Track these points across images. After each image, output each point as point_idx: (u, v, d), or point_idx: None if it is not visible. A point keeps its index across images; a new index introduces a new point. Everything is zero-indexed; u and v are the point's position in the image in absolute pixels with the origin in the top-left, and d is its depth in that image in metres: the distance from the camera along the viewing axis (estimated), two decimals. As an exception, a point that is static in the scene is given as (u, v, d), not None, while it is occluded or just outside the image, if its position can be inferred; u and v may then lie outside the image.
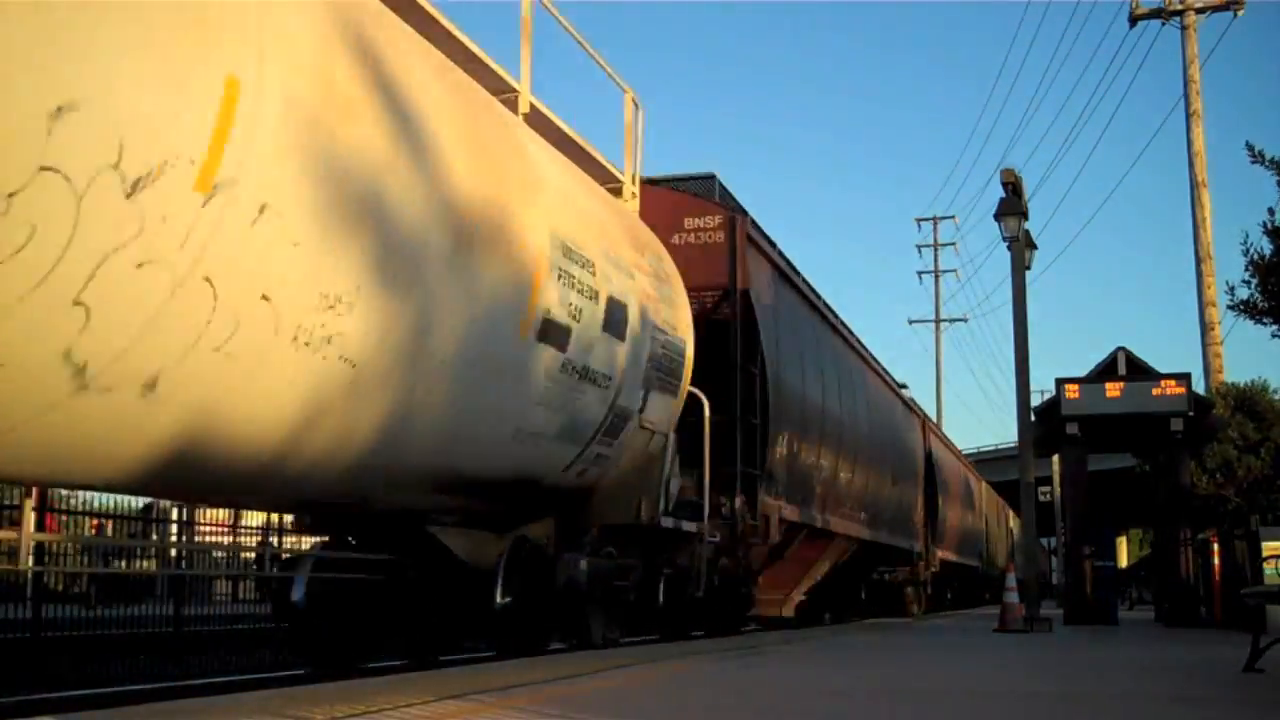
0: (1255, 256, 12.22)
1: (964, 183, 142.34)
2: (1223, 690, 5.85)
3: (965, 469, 33.76)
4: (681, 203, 11.94)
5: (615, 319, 7.88)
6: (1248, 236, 12.42)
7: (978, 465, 39.45)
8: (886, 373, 21.45)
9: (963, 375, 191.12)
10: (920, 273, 54.14)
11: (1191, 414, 16.09)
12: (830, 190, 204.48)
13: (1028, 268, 14.80)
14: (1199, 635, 12.71)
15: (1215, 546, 15.55)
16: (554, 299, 6.94)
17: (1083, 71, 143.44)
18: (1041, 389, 46.16)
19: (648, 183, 11.03)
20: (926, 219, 51.35)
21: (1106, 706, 5.04)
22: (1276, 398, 20.25)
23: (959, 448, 36.46)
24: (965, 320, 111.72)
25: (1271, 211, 11.94)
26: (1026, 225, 14.47)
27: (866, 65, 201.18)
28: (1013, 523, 41.79)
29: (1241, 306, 12.48)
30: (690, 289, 10.34)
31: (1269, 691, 5.73)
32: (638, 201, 10.24)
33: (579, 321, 7.29)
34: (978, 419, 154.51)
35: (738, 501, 11.30)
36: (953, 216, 66.14)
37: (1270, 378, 52.39)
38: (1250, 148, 11.58)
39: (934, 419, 35.77)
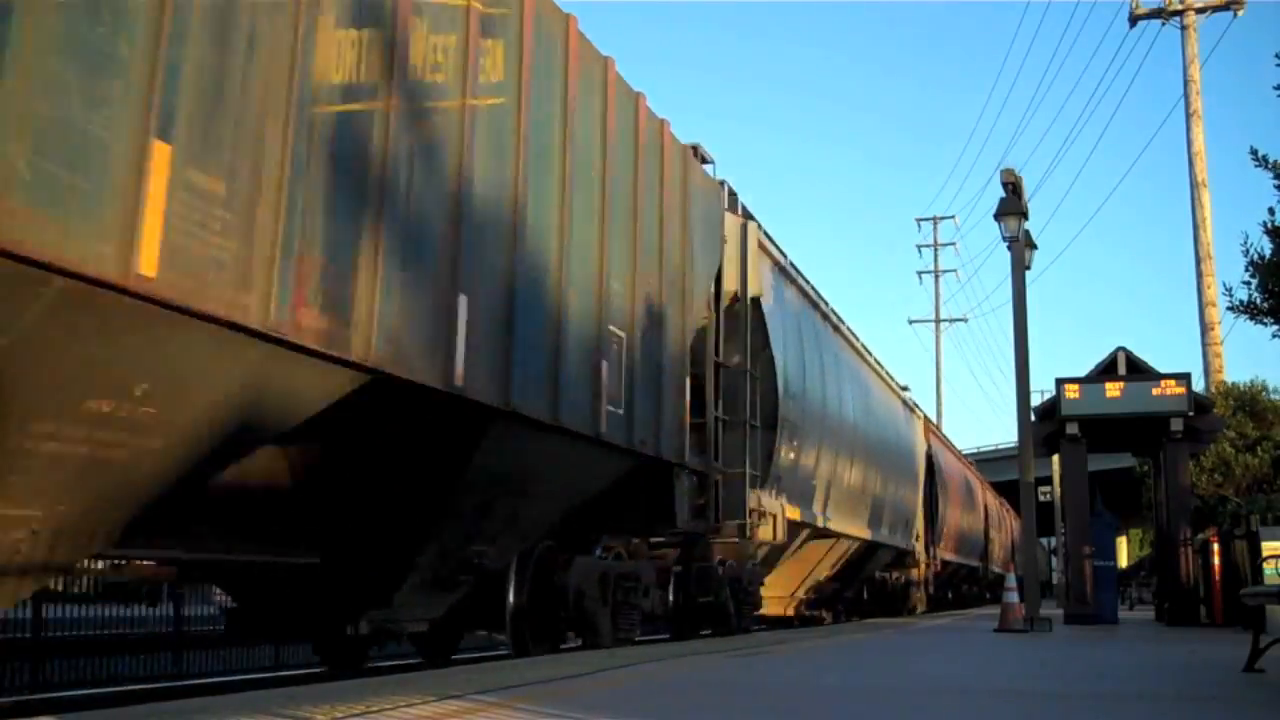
0: (1255, 256, 12.22)
1: (964, 183, 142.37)
2: (1223, 690, 5.86)
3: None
4: None
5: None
6: (1247, 237, 12.44)
7: (978, 465, 39.43)
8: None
9: (963, 375, 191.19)
10: (920, 273, 54.23)
11: (1191, 414, 16.09)
12: (831, 190, 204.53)
13: (1028, 268, 14.80)
14: (1199, 635, 12.71)
15: (1215, 546, 15.55)
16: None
17: (1083, 71, 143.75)
18: (1041, 389, 46.27)
19: None
20: (926, 219, 51.44)
21: (1106, 707, 5.04)
22: (1276, 398, 20.27)
23: (959, 448, 36.41)
24: (965, 320, 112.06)
25: (1272, 211, 11.94)
26: (1026, 225, 14.47)
27: (866, 65, 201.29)
28: (1013, 523, 41.74)
29: (1240, 307, 12.48)
30: None
31: (1269, 691, 5.74)
32: None
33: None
34: (978, 419, 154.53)
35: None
36: (953, 216, 66.37)
37: (1270, 378, 52.47)
38: (1254, 152, 11.58)
39: (934, 419, 35.69)
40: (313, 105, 4.88)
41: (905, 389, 23.59)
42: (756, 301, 12.15)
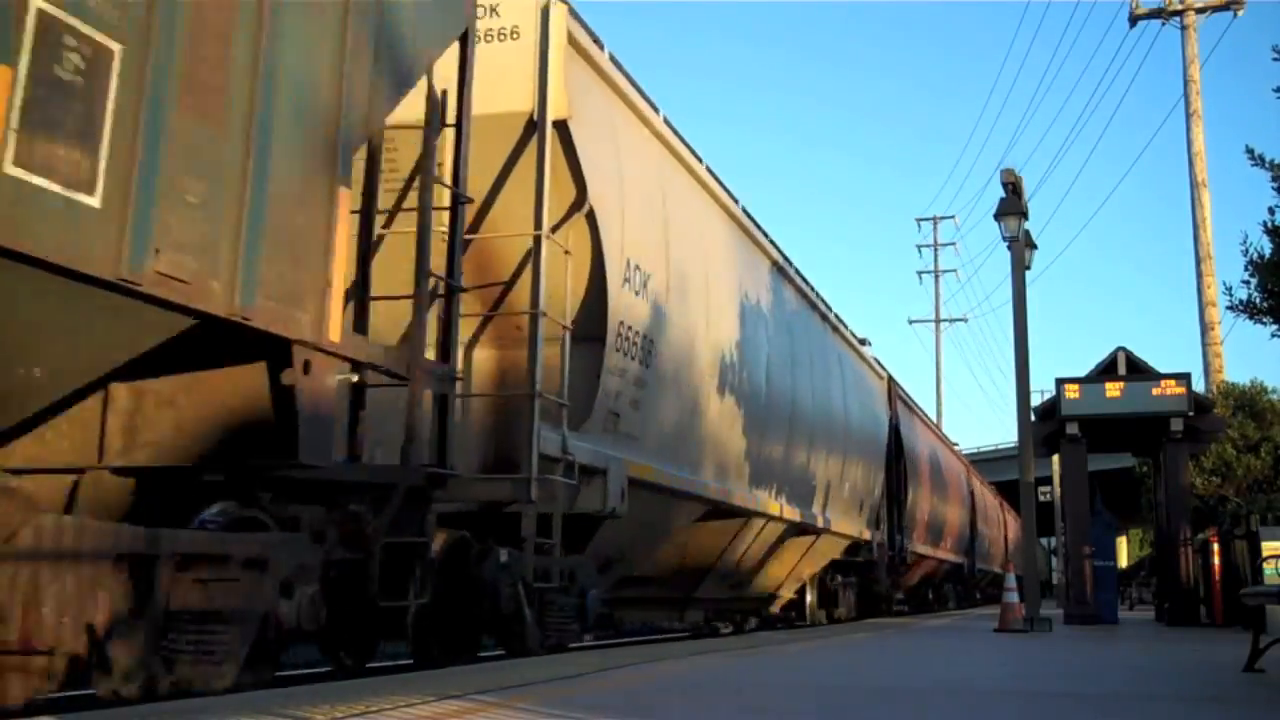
0: (1255, 256, 12.24)
1: (964, 183, 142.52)
2: (1223, 690, 5.86)
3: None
4: None
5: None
6: (1247, 237, 12.49)
7: (978, 465, 39.29)
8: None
9: (963, 375, 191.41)
10: (920, 273, 54.50)
11: (1191, 414, 16.12)
12: (831, 191, 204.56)
13: (1028, 267, 14.82)
14: (1199, 635, 12.72)
15: (1215, 546, 15.58)
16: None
17: (1083, 71, 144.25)
18: (1041, 389, 46.46)
19: None
20: (926, 219, 51.65)
21: (1107, 707, 5.03)
22: (1276, 398, 20.29)
23: (959, 447, 36.12)
24: (965, 320, 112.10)
25: (1272, 211, 11.96)
26: (1026, 225, 14.49)
27: (867, 67, 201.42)
28: (1010, 519, 41.64)
29: (1240, 307, 12.51)
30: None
31: (1269, 691, 5.74)
32: None
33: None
34: (978, 419, 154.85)
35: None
36: (953, 216, 66.57)
37: (1270, 378, 52.60)
38: (1250, 151, 11.60)
39: (934, 419, 35.37)
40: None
41: (865, 343, 19.41)
42: (564, 127, 7.91)
